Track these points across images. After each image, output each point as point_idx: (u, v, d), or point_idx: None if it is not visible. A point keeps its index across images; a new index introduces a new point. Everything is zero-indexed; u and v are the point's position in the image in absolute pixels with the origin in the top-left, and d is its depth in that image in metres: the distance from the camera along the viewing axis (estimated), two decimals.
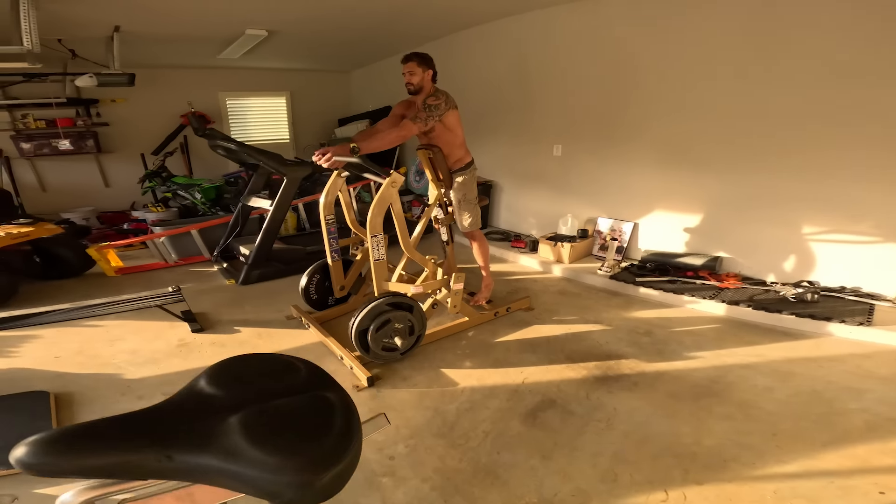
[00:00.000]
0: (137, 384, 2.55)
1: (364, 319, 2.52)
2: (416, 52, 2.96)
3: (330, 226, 3.08)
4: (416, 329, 2.68)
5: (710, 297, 3.37)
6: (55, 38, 4.59)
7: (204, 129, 3.98)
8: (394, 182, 2.59)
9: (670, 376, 2.54)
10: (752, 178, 3.50)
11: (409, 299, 2.63)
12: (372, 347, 2.56)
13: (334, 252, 3.16)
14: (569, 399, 2.37)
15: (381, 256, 2.64)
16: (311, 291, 3.28)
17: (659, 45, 3.79)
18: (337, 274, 3.22)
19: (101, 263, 4.19)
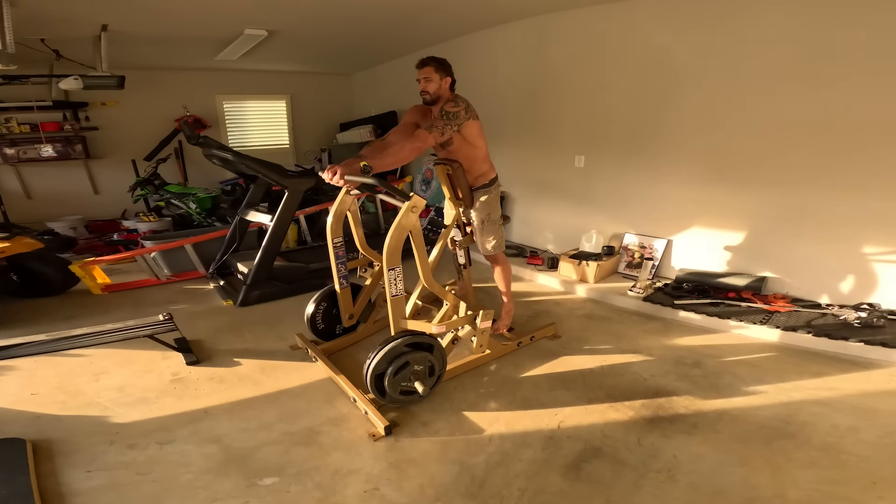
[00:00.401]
0: (127, 430, 2.24)
1: (381, 362, 2.23)
2: (434, 57, 2.62)
3: (338, 249, 2.79)
4: (436, 369, 2.40)
5: (761, 321, 3.11)
6: (38, 37, 4.30)
7: (197, 137, 3.66)
8: (414, 207, 2.27)
9: (733, 416, 2.28)
10: (806, 194, 3.24)
11: (428, 338, 2.35)
12: (389, 392, 2.28)
13: (342, 278, 2.87)
14: (617, 446, 2.08)
15: (398, 292, 2.34)
16: (317, 321, 2.99)
17: (702, 53, 3.54)
18: (346, 302, 2.93)
19: (85, 281, 3.87)
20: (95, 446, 2.12)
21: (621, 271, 4.20)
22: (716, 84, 3.51)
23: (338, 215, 2.74)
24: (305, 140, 7.88)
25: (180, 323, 3.28)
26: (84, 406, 2.42)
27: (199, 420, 2.31)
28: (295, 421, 2.30)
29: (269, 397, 2.51)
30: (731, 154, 3.54)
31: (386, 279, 2.29)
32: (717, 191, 3.66)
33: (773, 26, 3.17)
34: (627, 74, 3.99)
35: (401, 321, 2.38)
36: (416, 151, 2.43)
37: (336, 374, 2.58)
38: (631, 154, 4.10)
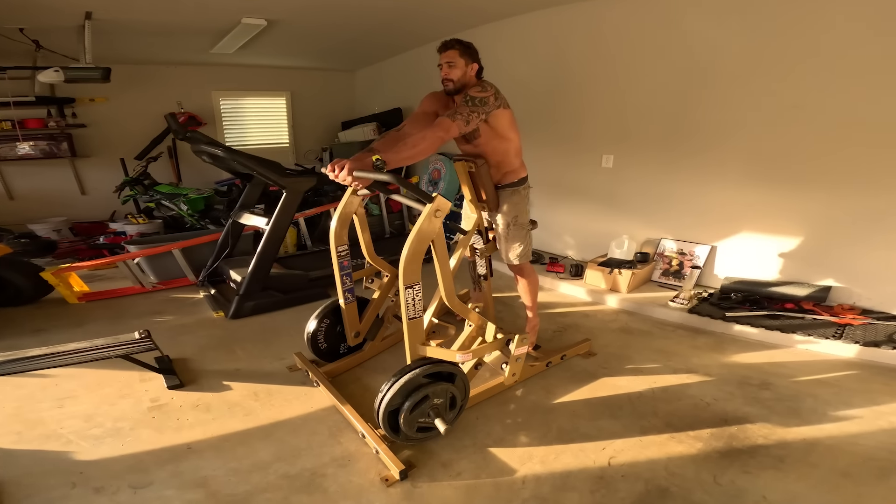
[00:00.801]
0: (94, 469, 1.87)
1: (395, 397, 1.87)
2: (458, 39, 2.29)
3: (343, 259, 2.43)
4: (457, 400, 2.04)
5: (833, 335, 2.80)
6: (16, 26, 3.98)
7: (184, 131, 3.30)
8: (438, 210, 1.87)
9: (827, 446, 1.98)
10: (878, 195, 2.91)
11: (450, 365, 1.99)
12: (404, 430, 1.92)
13: (348, 292, 2.51)
14: (689, 485, 1.76)
15: (417, 314, 1.96)
16: (319, 340, 2.62)
17: (755, 46, 3.22)
18: (351, 318, 2.58)
19: (59, 289, 3.49)
20: (53, 490, 1.75)
21: (656, 280, 3.87)
22: (770, 77, 3.19)
23: (342, 219, 2.36)
24: (306, 139, 7.56)
25: (164, 337, 2.94)
26: (43, 439, 2.05)
27: (182, 458, 1.94)
28: (294, 461, 1.94)
29: (263, 430, 2.14)
30: (788, 152, 3.21)
31: (402, 299, 1.91)
32: (771, 192, 3.33)
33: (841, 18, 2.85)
34: (665, 67, 3.67)
35: (418, 347, 2.01)
36: (437, 142, 2.05)
37: (341, 403, 2.21)
38: (668, 153, 3.77)
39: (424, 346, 2.01)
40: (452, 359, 2.02)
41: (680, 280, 3.72)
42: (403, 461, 1.86)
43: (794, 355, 2.80)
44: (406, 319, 1.95)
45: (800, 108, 3.09)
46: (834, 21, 2.87)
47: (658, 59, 3.69)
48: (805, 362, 2.72)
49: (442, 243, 1.95)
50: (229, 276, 3.61)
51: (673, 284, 3.74)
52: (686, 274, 3.65)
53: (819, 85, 3.01)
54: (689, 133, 3.64)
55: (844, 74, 2.89)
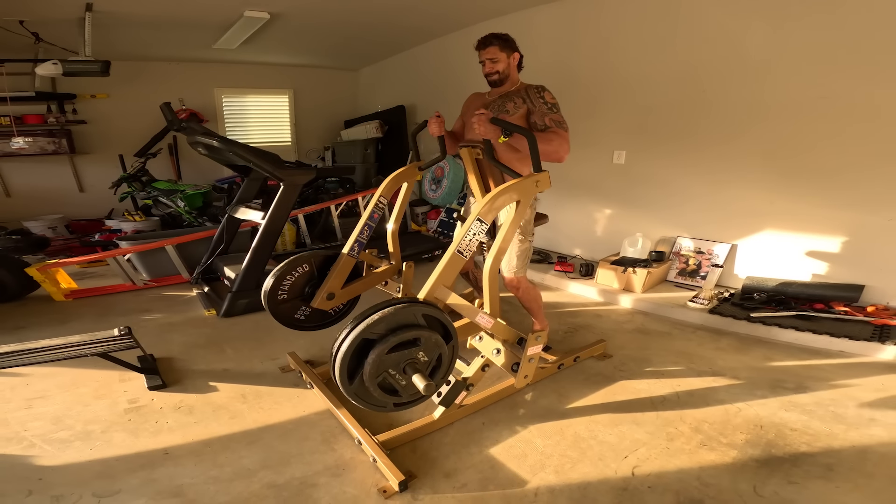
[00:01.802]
0: (55, 475, 1.69)
1: (378, 324, 1.49)
2: (495, 34, 2.27)
3: (377, 211, 2.38)
4: (440, 370, 1.67)
5: (871, 337, 2.63)
6: (16, 18, 3.89)
7: (179, 122, 3.16)
8: (539, 181, 1.95)
9: (881, 454, 1.81)
10: None
11: (449, 322, 1.69)
12: (365, 375, 1.49)
13: (357, 244, 2.32)
14: (726, 498, 1.60)
15: (466, 250, 1.82)
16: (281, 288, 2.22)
17: (775, 30, 3.07)
18: (340, 274, 2.27)
19: (45, 286, 3.33)
20: (6, 497, 1.59)
21: (672, 279, 3.68)
22: (794, 67, 3.03)
23: (398, 178, 2.43)
24: (308, 137, 7.49)
25: (150, 336, 2.78)
26: (4, 441, 1.87)
27: (156, 464, 1.76)
28: (283, 469, 1.75)
29: (250, 435, 1.96)
30: (815, 145, 3.05)
31: (463, 230, 1.82)
32: (796, 187, 3.17)
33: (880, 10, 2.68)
34: (680, 59, 3.53)
35: (441, 289, 1.80)
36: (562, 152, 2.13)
37: (336, 407, 2.03)
38: (685, 148, 3.61)
39: (448, 291, 1.82)
40: (473, 317, 1.85)
41: (697, 280, 3.53)
42: (403, 471, 1.68)
43: (829, 357, 2.63)
44: (453, 250, 1.81)
45: (828, 100, 2.93)
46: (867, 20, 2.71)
47: (672, 50, 3.55)
48: (843, 365, 2.54)
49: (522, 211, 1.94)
50: (223, 272, 3.44)
51: (690, 284, 3.55)
52: (704, 273, 3.46)
53: (849, 74, 2.84)
54: (706, 127, 3.48)
55: (876, 63, 2.72)
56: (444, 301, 1.81)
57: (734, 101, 3.31)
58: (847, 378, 2.39)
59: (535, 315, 2.57)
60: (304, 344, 2.70)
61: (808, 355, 2.66)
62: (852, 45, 2.79)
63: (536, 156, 1.93)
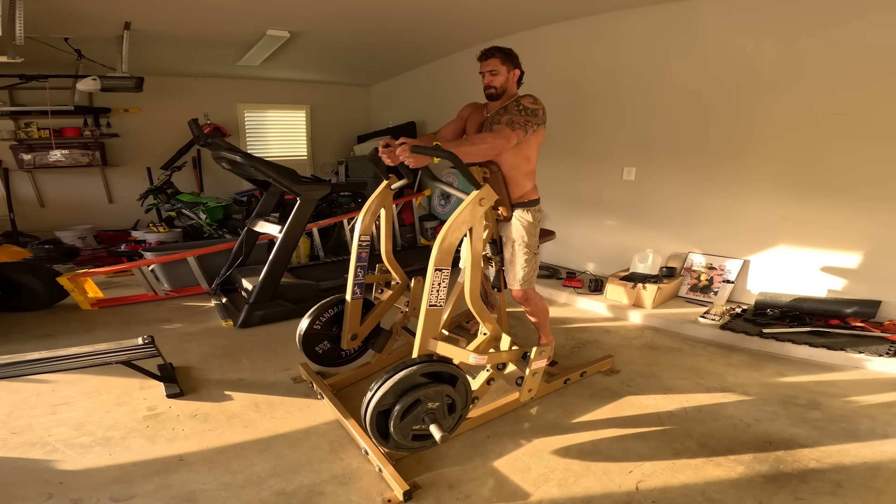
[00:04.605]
0: (75, 479, 1.77)
1: (387, 395, 1.67)
2: (499, 47, 2.27)
3: (362, 250, 2.36)
4: (457, 406, 1.81)
5: (888, 353, 2.60)
6: (62, 36, 4.14)
7: (205, 137, 3.29)
8: (483, 199, 1.84)
9: (892, 470, 1.81)
10: None
11: (451, 366, 1.79)
12: (395, 437, 1.71)
13: (357, 286, 2.38)
14: None
15: (438, 302, 1.84)
16: (314, 341, 2.45)
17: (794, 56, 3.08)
18: (353, 316, 2.41)
19: (74, 294, 3.48)
20: (27, 500, 1.66)
21: (683, 295, 3.66)
22: (809, 84, 3.04)
23: (373, 209, 2.34)
24: (323, 152, 7.66)
25: (170, 345, 2.88)
26: (28, 446, 1.96)
27: (172, 470, 1.84)
28: (292, 477, 1.81)
29: (261, 443, 2.02)
30: (830, 161, 3.04)
31: (427, 283, 1.81)
32: (810, 203, 3.15)
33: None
34: (690, 77, 3.55)
35: (429, 341, 1.86)
36: (496, 148, 2.06)
37: (345, 418, 2.08)
38: (696, 164, 3.62)
39: (436, 342, 1.87)
40: (465, 360, 1.88)
41: (709, 295, 3.50)
42: (408, 482, 1.72)
43: (843, 374, 2.59)
44: (425, 305, 1.83)
45: (844, 115, 2.91)
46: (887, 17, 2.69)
47: (683, 68, 3.57)
48: (857, 381, 2.51)
49: (479, 235, 1.89)
50: (241, 284, 3.55)
51: (702, 300, 3.53)
52: (716, 289, 3.44)
53: (866, 90, 2.82)
54: (717, 143, 3.48)
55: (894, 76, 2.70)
56: (434, 353, 1.86)
57: (745, 117, 3.31)
58: (861, 394, 2.36)
59: (542, 328, 2.59)
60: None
61: (821, 371, 2.62)
62: (871, 62, 2.78)
63: (467, 172, 1.88)
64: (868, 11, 2.75)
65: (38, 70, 4.65)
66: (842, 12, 2.84)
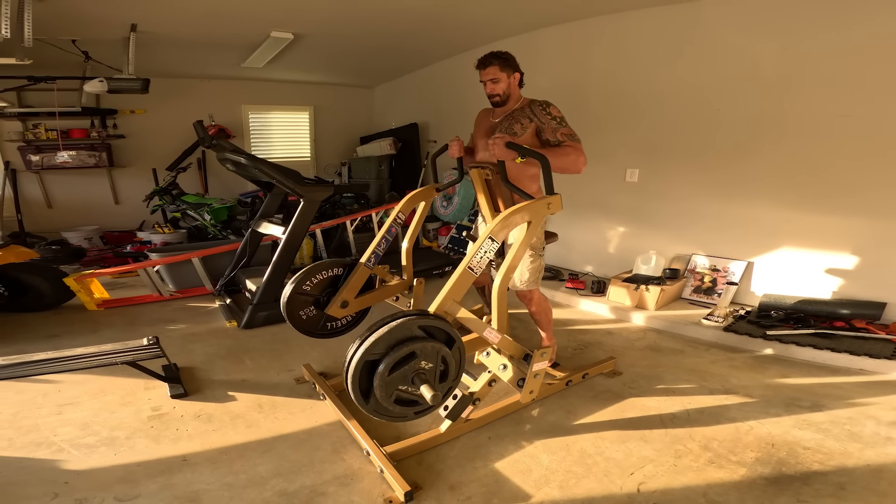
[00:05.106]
0: (80, 479, 1.78)
1: (378, 343, 1.53)
2: (496, 53, 2.27)
3: (395, 226, 2.47)
4: (449, 374, 1.69)
5: (893, 355, 2.60)
6: (69, 38, 4.19)
7: (210, 139, 3.31)
8: (551, 204, 2.02)
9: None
10: None
11: (451, 328, 1.71)
12: (377, 395, 1.55)
13: (374, 255, 2.40)
14: None
15: (477, 267, 1.86)
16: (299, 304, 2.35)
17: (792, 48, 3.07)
18: (355, 283, 2.36)
19: (80, 295, 3.51)
20: (33, 499, 1.67)
21: (686, 297, 3.65)
22: (813, 86, 3.03)
23: (415, 197, 2.52)
24: (326, 153, 7.70)
25: (174, 346, 2.90)
26: (34, 446, 1.98)
27: (175, 470, 1.85)
28: (294, 477, 1.82)
29: (264, 444, 2.03)
30: (835, 163, 3.03)
31: (475, 247, 1.85)
32: (815, 205, 3.14)
33: None
34: (695, 79, 3.54)
35: (451, 304, 1.83)
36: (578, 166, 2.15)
37: (347, 418, 2.09)
38: (699, 166, 3.61)
39: (458, 306, 1.85)
40: (481, 332, 1.89)
41: (713, 297, 3.49)
42: (409, 482, 1.73)
43: (847, 376, 2.58)
44: (464, 266, 1.84)
45: (849, 118, 2.90)
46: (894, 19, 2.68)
47: (685, 70, 3.56)
48: (862, 383, 2.50)
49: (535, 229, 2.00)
50: (245, 285, 3.57)
51: (705, 302, 3.52)
52: (720, 291, 3.43)
53: (872, 92, 2.81)
54: (720, 144, 3.47)
55: None
56: (454, 315, 1.85)
57: (749, 118, 3.30)
58: (866, 396, 2.35)
59: (545, 330, 2.60)
60: (318, 356, 2.79)
61: (825, 373, 2.61)
62: (877, 64, 2.76)
63: (550, 179, 1.96)
64: (874, 13, 2.73)
65: (46, 72, 4.70)
66: (846, 14, 2.83)
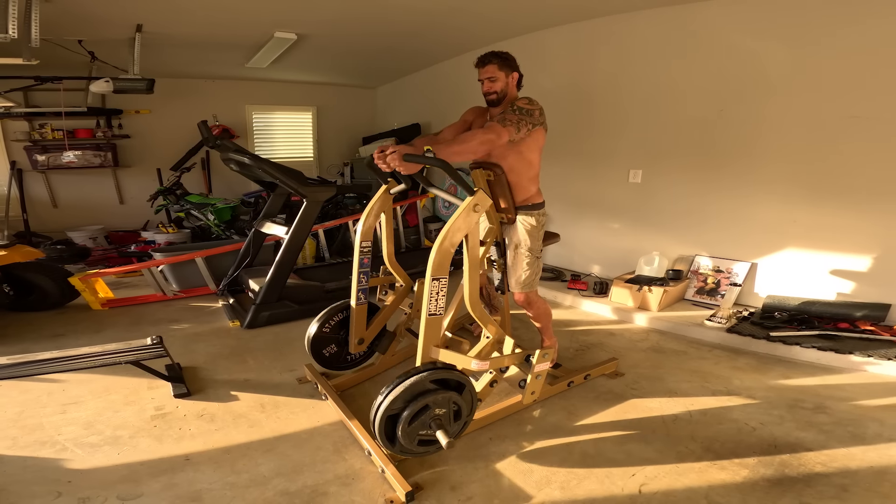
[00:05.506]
0: (84, 478, 1.79)
1: (396, 400, 1.69)
2: (495, 52, 2.27)
3: (364, 256, 2.36)
4: (462, 413, 1.84)
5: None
6: (76, 38, 4.22)
7: (214, 139, 3.33)
8: (477, 205, 1.83)
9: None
10: None
11: (459, 374, 1.82)
12: (402, 441, 1.73)
13: (361, 292, 2.39)
14: None
15: (437, 310, 1.84)
16: (322, 344, 2.47)
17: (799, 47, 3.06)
18: (359, 321, 2.43)
19: (85, 294, 3.53)
20: (37, 498, 1.69)
21: (689, 298, 3.64)
22: (822, 86, 3.01)
23: (373, 214, 2.32)
24: (329, 153, 7.71)
25: (178, 345, 2.92)
26: (38, 445, 2.00)
27: (178, 469, 1.86)
28: (296, 477, 1.83)
29: (266, 443, 2.04)
30: (844, 164, 3.02)
31: (426, 292, 1.81)
32: (821, 206, 3.13)
33: None
34: (702, 81, 3.53)
35: (431, 349, 1.87)
36: (487, 144, 2.03)
37: (349, 418, 2.10)
38: (703, 167, 3.60)
39: (438, 350, 1.88)
40: (467, 366, 1.89)
41: (716, 298, 3.49)
42: (411, 482, 1.73)
43: (851, 377, 2.58)
44: (425, 314, 1.83)
45: (859, 119, 2.88)
46: None
47: (689, 70, 3.56)
48: (865, 384, 2.49)
49: (475, 241, 1.89)
50: (248, 285, 3.58)
51: (708, 303, 3.51)
52: (723, 292, 3.42)
53: (882, 92, 2.79)
54: (725, 145, 3.46)
55: None
56: (436, 359, 1.87)
57: (754, 119, 3.28)
58: (869, 398, 2.34)
59: (545, 331, 2.60)
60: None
61: (829, 375, 2.60)
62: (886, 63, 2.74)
63: (458, 178, 1.86)
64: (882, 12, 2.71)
65: (52, 72, 4.74)
66: (854, 13, 2.81)
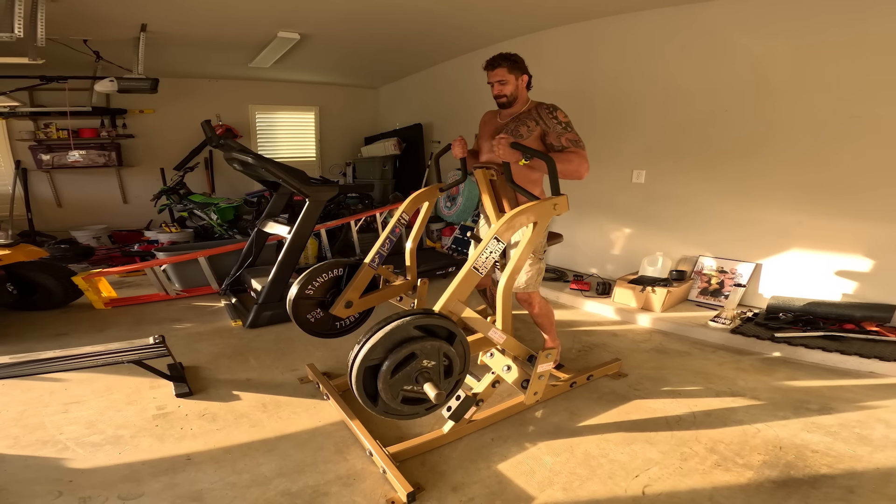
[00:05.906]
0: (85, 478, 1.79)
1: (375, 348, 1.52)
2: (504, 55, 2.26)
3: (399, 226, 2.45)
4: (454, 369, 1.67)
5: None
6: (81, 38, 4.24)
7: (218, 138, 3.33)
8: (557, 205, 1.97)
9: None
10: None
11: (448, 321, 1.67)
12: (383, 398, 1.56)
13: (378, 255, 2.39)
14: None
15: (482, 267, 1.83)
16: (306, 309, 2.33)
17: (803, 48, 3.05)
18: (360, 283, 2.35)
19: (88, 294, 3.55)
20: (38, 497, 1.68)
21: (693, 299, 3.62)
22: (824, 86, 3.00)
23: (420, 197, 2.49)
24: (331, 153, 7.72)
25: (180, 345, 2.92)
26: (39, 444, 2.00)
27: (179, 469, 1.86)
28: (297, 477, 1.82)
29: (268, 443, 2.04)
30: (846, 164, 3.00)
31: (481, 247, 1.83)
32: (825, 207, 3.11)
33: None
34: (705, 82, 3.52)
35: (456, 304, 1.81)
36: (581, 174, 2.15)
37: (350, 418, 2.09)
38: (707, 168, 3.59)
39: (462, 305, 1.83)
40: (486, 332, 1.87)
41: (720, 299, 3.47)
42: (412, 483, 1.72)
43: (857, 379, 2.55)
44: (469, 266, 1.82)
45: (861, 119, 2.87)
46: None
47: (692, 71, 3.54)
48: (872, 386, 2.47)
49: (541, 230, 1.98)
50: (250, 285, 3.58)
51: (712, 304, 3.49)
52: (727, 293, 3.40)
53: (884, 93, 2.78)
54: (728, 145, 3.44)
55: None
56: (459, 315, 1.83)
57: (758, 119, 3.27)
58: (876, 399, 2.32)
59: (547, 332, 2.58)
60: (322, 356, 2.80)
61: (835, 376, 2.58)
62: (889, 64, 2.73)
63: (556, 179, 1.95)
64: (885, 12, 2.69)
65: (57, 71, 4.75)
66: (857, 13, 2.79)
